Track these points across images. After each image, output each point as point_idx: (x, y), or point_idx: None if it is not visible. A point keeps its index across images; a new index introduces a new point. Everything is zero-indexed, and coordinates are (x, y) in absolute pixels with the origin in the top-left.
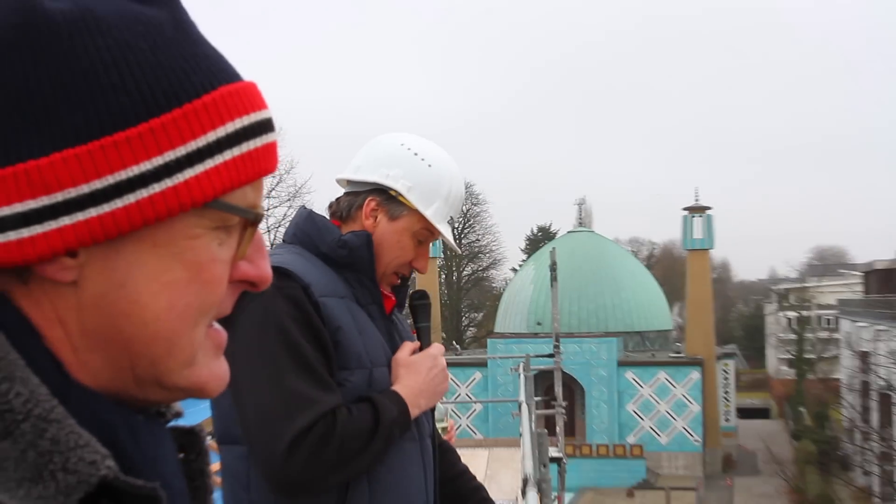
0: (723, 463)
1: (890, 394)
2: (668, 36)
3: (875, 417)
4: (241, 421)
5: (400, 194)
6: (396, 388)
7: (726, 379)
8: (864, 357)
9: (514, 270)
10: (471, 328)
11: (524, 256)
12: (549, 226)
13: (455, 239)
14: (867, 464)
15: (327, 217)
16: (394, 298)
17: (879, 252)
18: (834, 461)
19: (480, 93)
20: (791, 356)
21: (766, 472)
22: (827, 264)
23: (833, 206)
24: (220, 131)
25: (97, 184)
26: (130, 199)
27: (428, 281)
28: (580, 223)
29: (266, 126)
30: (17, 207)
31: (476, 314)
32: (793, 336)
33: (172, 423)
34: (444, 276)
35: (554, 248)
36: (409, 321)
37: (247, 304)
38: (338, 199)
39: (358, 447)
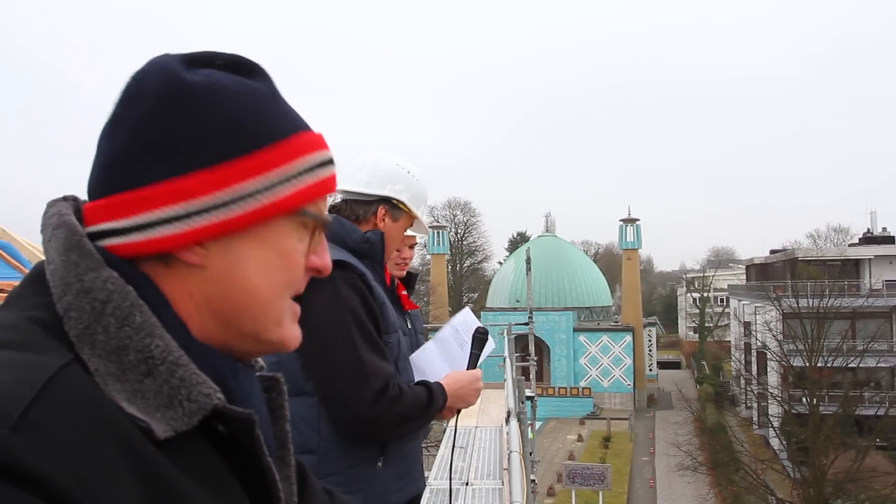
0: (647, 400)
1: (765, 352)
2: (618, 96)
3: (754, 369)
4: (319, 380)
5: (402, 203)
6: (444, 383)
7: (650, 341)
8: (746, 326)
9: (500, 263)
10: (469, 304)
11: (507, 253)
12: (525, 231)
13: (456, 242)
14: (749, 401)
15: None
16: (403, 286)
17: (757, 251)
18: (726, 399)
19: (477, 134)
20: (695, 325)
21: (678, 406)
22: (720, 259)
23: (726, 218)
24: (302, 163)
25: (222, 195)
26: (245, 206)
27: (438, 271)
28: (546, 230)
29: (330, 161)
30: (167, 211)
31: (473, 294)
32: (696, 310)
33: (260, 373)
34: (450, 268)
35: (528, 248)
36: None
37: (318, 288)
38: (346, 202)
39: (415, 414)
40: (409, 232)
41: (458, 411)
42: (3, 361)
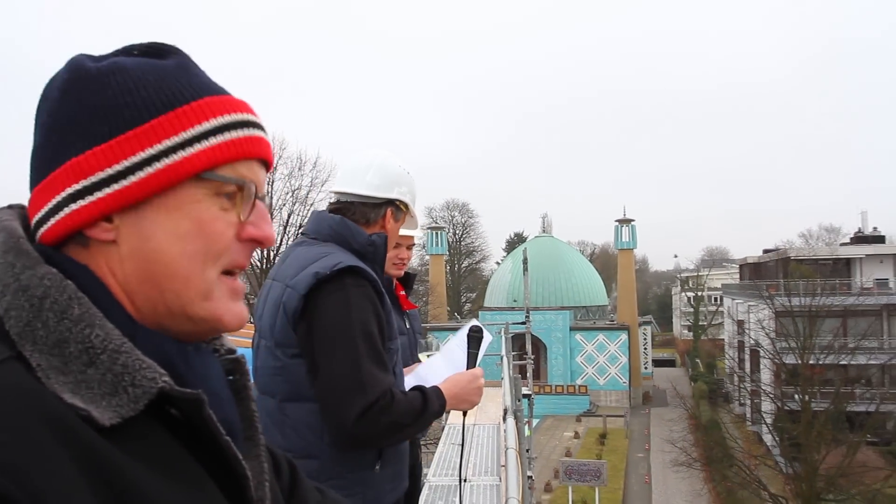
0: (643, 397)
1: (758, 349)
2: (614, 101)
3: (747, 366)
4: (317, 386)
5: (404, 204)
6: (443, 387)
7: (645, 339)
8: (739, 324)
9: (498, 263)
10: (467, 304)
11: (504, 254)
12: (522, 232)
13: (454, 242)
14: (742, 398)
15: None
16: (401, 286)
17: (750, 251)
18: (719, 396)
19: (475, 137)
20: (689, 323)
21: (673, 403)
22: (714, 259)
23: (719, 219)
24: (206, 125)
25: (117, 167)
26: (140, 174)
27: (437, 271)
28: (543, 230)
29: (246, 124)
30: (67, 190)
31: (471, 294)
32: (691, 309)
33: (222, 357)
34: (448, 268)
35: (525, 248)
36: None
37: (329, 293)
38: (354, 205)
39: (406, 422)
40: (402, 231)
41: (465, 413)
42: None
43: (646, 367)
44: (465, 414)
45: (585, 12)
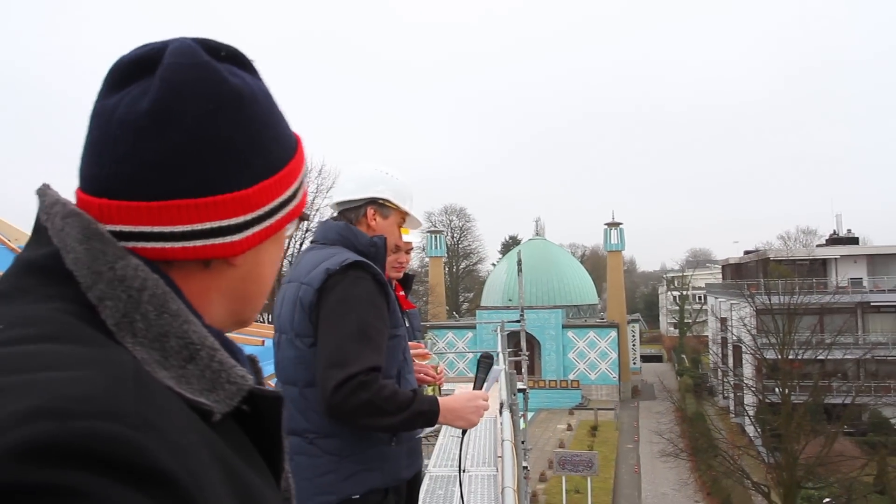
0: (631, 391)
1: (740, 345)
2: (603, 112)
3: (730, 361)
4: (316, 361)
5: (388, 200)
6: (441, 399)
7: (633, 336)
8: (722, 322)
9: (493, 265)
10: (465, 303)
11: (500, 255)
12: (517, 235)
13: (453, 245)
14: (726, 392)
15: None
16: (400, 287)
17: (732, 252)
18: (704, 390)
19: (471, 145)
20: (675, 321)
21: (660, 397)
22: (698, 260)
23: (702, 221)
24: (303, 174)
25: (272, 205)
26: (282, 213)
27: (436, 272)
28: (537, 233)
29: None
30: (235, 220)
31: (468, 293)
32: (676, 308)
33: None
34: (447, 270)
35: (520, 250)
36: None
37: (334, 284)
38: (340, 213)
39: (388, 409)
40: (405, 237)
41: (464, 432)
42: (72, 355)
43: (634, 363)
44: (463, 433)
45: (580, 39)
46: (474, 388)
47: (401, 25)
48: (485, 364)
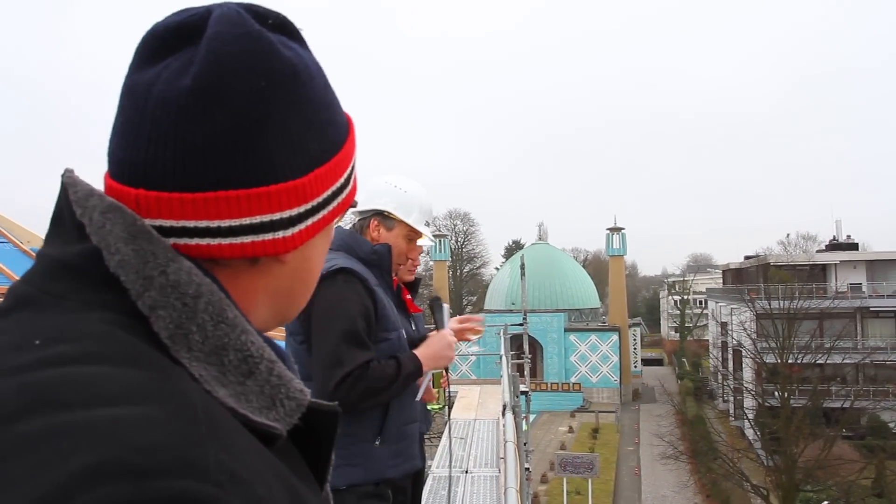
0: (632, 394)
1: (740, 349)
2: (607, 119)
3: (730, 365)
4: (311, 362)
5: (390, 213)
6: (416, 351)
7: (635, 340)
8: (723, 326)
9: (497, 269)
10: (468, 307)
11: (503, 260)
12: (520, 240)
13: (457, 249)
14: (726, 395)
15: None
16: (407, 291)
17: (733, 257)
18: (704, 393)
19: (477, 151)
20: (676, 325)
21: (661, 400)
22: (699, 265)
23: (703, 227)
24: (355, 159)
25: (326, 194)
26: (333, 205)
27: (440, 276)
28: (539, 238)
29: None
30: (289, 212)
31: (472, 297)
32: (677, 312)
33: None
34: (451, 273)
35: (523, 255)
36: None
37: (326, 286)
38: (353, 223)
39: (382, 386)
40: (420, 241)
41: (449, 396)
42: (132, 386)
43: (635, 366)
44: (448, 395)
45: (587, 49)
46: (436, 330)
47: (407, 38)
48: (437, 306)
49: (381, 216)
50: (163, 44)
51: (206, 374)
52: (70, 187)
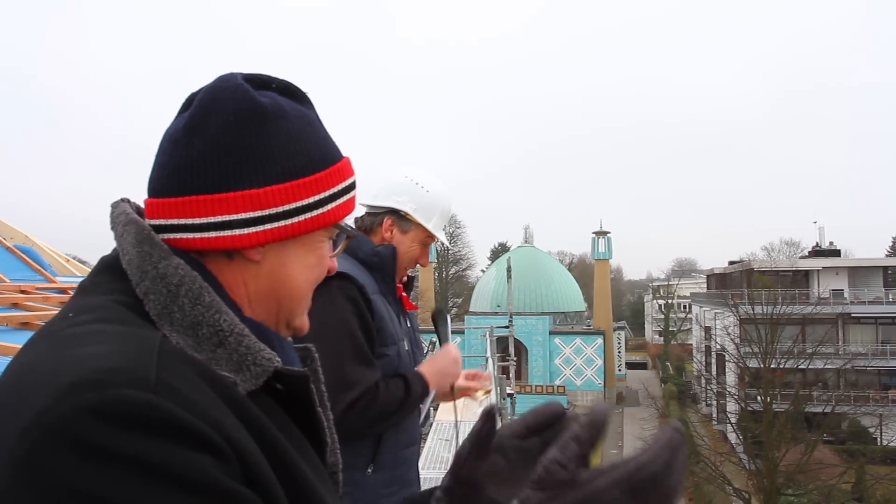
0: (617, 398)
1: (723, 354)
2: (593, 125)
3: (714, 369)
4: None
5: (408, 214)
6: (422, 370)
7: (619, 343)
8: (707, 330)
9: (483, 271)
10: (454, 308)
11: (489, 262)
12: (506, 242)
13: (443, 251)
14: (709, 399)
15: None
16: (402, 289)
17: (717, 262)
18: (688, 397)
19: (465, 154)
20: (660, 329)
21: (644, 404)
22: (683, 269)
23: (688, 232)
24: (341, 185)
25: (285, 207)
26: (301, 218)
27: (426, 278)
28: (525, 241)
29: (354, 183)
30: (245, 215)
31: (457, 299)
32: (662, 316)
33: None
34: (437, 274)
35: (509, 257)
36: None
37: (315, 296)
38: (361, 217)
39: (392, 410)
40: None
41: (452, 388)
42: (113, 333)
43: (619, 370)
44: (452, 389)
45: (578, 57)
46: (440, 344)
47: (408, 44)
48: (440, 319)
49: (397, 216)
50: (186, 103)
51: (182, 342)
52: (112, 210)
